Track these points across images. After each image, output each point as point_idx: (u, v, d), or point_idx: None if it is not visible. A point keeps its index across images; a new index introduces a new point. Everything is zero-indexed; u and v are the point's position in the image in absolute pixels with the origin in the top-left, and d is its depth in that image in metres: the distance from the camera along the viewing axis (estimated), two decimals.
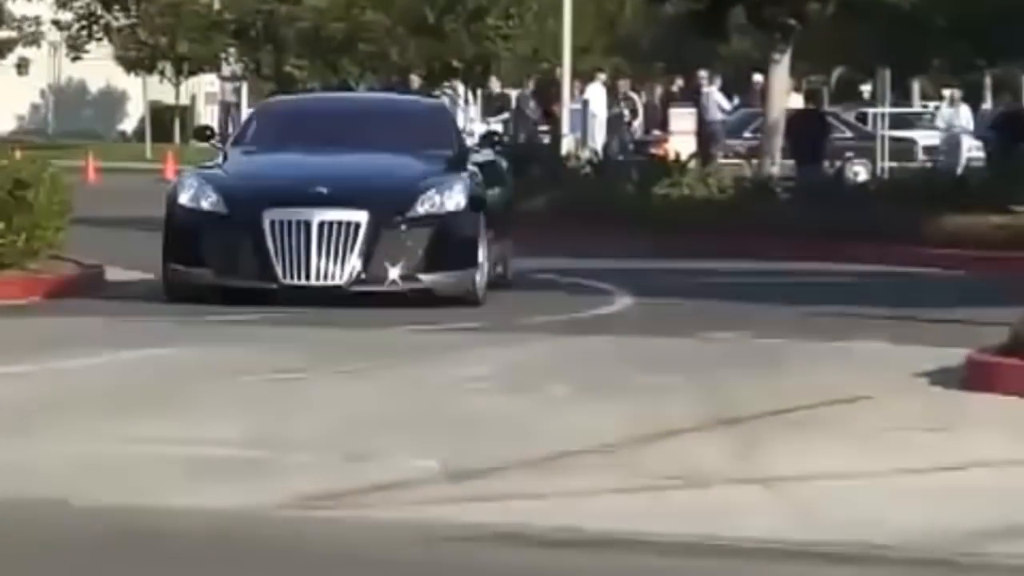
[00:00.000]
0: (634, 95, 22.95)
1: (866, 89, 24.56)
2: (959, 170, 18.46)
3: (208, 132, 13.03)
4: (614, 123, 21.47)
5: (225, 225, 10.22)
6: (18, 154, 12.35)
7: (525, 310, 10.68)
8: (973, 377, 6.93)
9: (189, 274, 10.10)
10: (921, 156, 24.61)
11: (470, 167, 11.11)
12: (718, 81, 23.76)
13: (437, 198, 10.31)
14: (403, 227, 10.21)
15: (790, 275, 12.53)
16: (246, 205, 10.15)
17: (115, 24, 29.55)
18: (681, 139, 19.73)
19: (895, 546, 3.92)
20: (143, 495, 4.63)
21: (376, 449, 5.44)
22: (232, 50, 29.96)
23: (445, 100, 21.55)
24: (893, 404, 6.78)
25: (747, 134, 22.02)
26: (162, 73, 28.52)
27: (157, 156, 27.29)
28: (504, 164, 12.38)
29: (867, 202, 15.39)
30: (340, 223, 9.97)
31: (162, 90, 29.51)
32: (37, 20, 28.98)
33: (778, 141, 16.36)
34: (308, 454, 5.50)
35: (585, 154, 18.86)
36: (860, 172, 19.78)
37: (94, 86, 24.46)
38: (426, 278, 10.09)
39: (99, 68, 27.16)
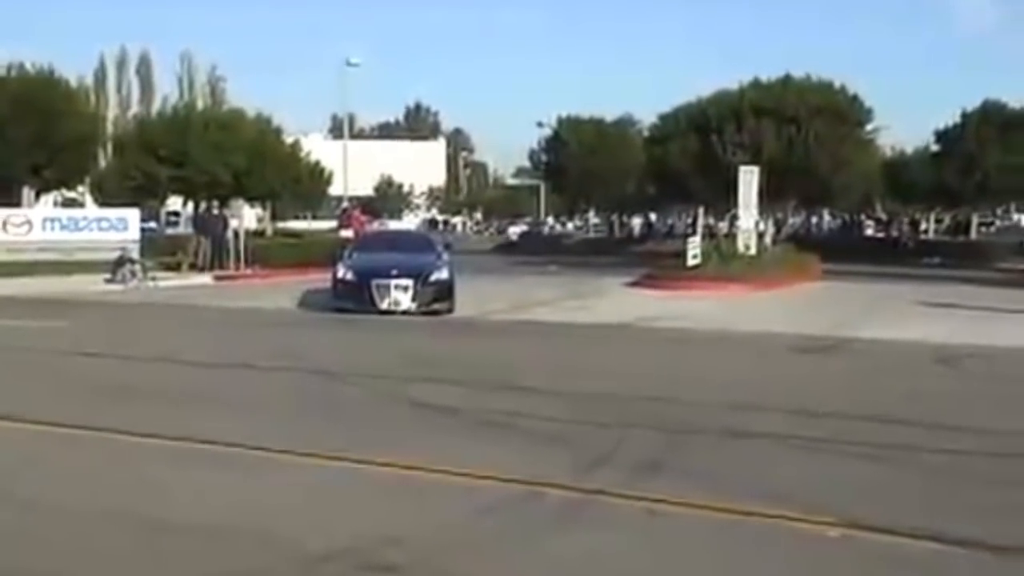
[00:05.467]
0: None
1: None
2: None
3: None
4: None
5: (355, 285, 18.65)
6: None
7: None
8: (644, 282, 25.80)
9: (341, 305, 18.56)
10: None
11: (445, 258, 20.10)
12: None
13: (436, 273, 19.00)
14: (425, 286, 18.58)
15: None
16: (364, 277, 18.62)
17: (438, 204, 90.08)
18: None
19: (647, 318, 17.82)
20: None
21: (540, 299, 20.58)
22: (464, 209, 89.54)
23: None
24: (613, 296, 22.85)
25: None
26: (450, 215, 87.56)
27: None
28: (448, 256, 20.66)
29: None
30: (402, 284, 18.44)
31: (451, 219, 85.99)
32: (419, 205, 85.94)
33: None
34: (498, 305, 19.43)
35: None
36: None
37: None
38: (435, 306, 18.51)
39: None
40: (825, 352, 13.88)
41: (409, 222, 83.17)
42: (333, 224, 45.65)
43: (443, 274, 19.24)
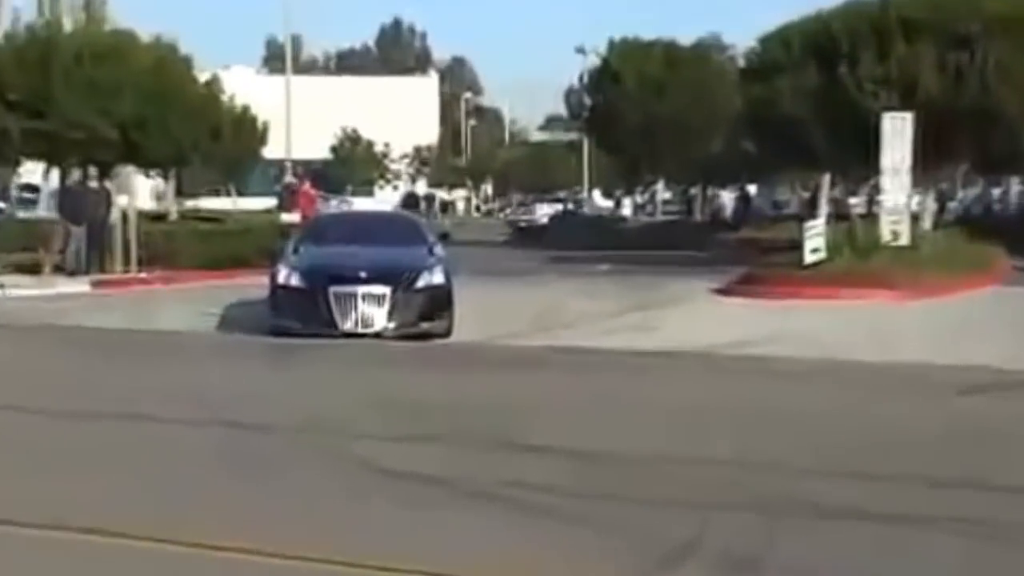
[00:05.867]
0: None
1: None
2: None
3: None
4: None
5: (304, 295, 18.82)
6: None
7: None
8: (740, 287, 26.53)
9: (283, 324, 18.71)
10: None
11: (439, 253, 20.57)
12: None
13: (427, 276, 19.27)
14: (409, 296, 18.83)
15: None
16: (317, 283, 18.81)
17: (427, 172, 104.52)
18: None
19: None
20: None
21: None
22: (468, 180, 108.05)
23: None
24: (692, 309, 23.84)
25: None
26: (444, 189, 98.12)
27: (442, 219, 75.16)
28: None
29: None
30: (374, 293, 18.63)
31: (443, 194, 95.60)
32: (399, 171, 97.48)
33: None
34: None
35: None
36: None
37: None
38: (424, 325, 18.81)
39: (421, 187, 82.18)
40: (1008, 393, 13.88)
41: (385, 199, 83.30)
42: (271, 203, 46.00)
43: (436, 277, 19.50)
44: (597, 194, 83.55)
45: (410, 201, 69.45)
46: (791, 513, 8.31)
